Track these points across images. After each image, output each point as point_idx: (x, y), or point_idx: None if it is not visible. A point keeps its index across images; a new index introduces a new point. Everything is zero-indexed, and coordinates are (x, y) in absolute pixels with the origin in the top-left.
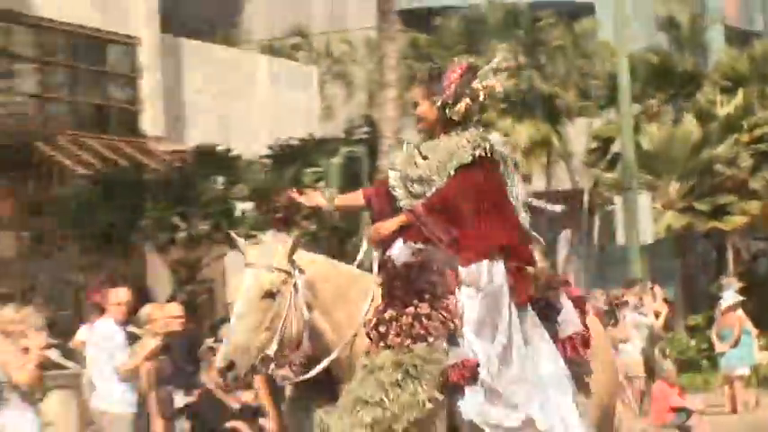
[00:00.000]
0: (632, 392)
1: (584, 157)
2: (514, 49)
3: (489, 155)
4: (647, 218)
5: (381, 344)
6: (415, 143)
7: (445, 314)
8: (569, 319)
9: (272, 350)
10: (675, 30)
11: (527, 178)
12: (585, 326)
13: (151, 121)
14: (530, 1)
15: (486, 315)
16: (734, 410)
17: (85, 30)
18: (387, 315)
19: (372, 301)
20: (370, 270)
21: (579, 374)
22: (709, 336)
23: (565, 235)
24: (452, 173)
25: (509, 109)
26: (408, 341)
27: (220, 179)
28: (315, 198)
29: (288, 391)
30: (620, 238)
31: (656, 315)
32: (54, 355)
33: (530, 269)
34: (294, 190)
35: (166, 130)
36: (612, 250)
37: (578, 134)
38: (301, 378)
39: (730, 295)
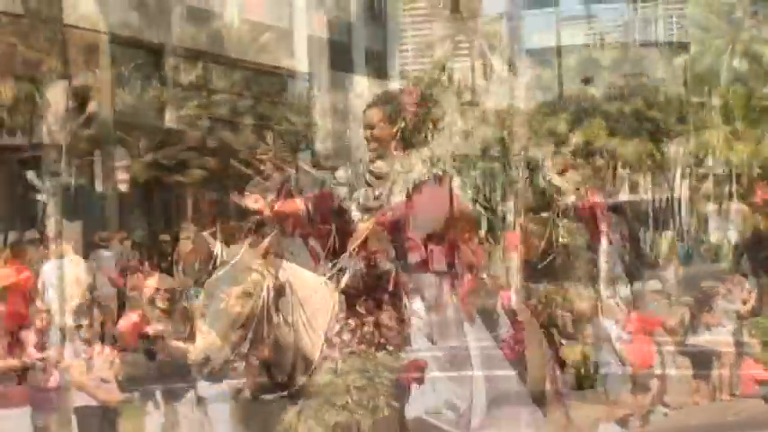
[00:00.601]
0: (723, 367)
1: (680, 170)
2: (623, 81)
3: (442, 173)
4: (736, 220)
5: (346, 350)
6: (363, 161)
7: (401, 324)
8: (503, 323)
9: (245, 347)
10: (756, 64)
11: (634, 187)
12: (517, 323)
13: (321, 140)
14: (635, 41)
15: (435, 323)
16: None
17: (268, 67)
18: (352, 323)
19: (333, 309)
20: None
21: (518, 367)
22: None
23: (665, 235)
24: (411, 188)
25: (619, 129)
26: (372, 349)
27: None
28: (256, 202)
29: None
30: (713, 238)
31: (744, 302)
32: None
33: (482, 279)
34: (237, 194)
35: (333, 146)
36: (706, 248)
37: (676, 151)
38: (279, 395)
39: None
